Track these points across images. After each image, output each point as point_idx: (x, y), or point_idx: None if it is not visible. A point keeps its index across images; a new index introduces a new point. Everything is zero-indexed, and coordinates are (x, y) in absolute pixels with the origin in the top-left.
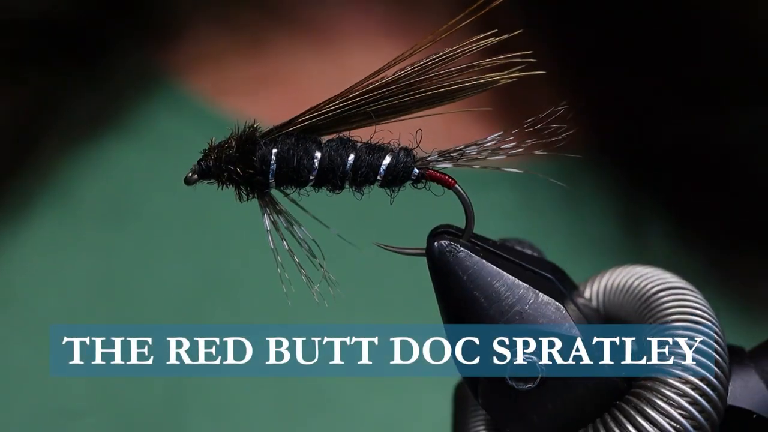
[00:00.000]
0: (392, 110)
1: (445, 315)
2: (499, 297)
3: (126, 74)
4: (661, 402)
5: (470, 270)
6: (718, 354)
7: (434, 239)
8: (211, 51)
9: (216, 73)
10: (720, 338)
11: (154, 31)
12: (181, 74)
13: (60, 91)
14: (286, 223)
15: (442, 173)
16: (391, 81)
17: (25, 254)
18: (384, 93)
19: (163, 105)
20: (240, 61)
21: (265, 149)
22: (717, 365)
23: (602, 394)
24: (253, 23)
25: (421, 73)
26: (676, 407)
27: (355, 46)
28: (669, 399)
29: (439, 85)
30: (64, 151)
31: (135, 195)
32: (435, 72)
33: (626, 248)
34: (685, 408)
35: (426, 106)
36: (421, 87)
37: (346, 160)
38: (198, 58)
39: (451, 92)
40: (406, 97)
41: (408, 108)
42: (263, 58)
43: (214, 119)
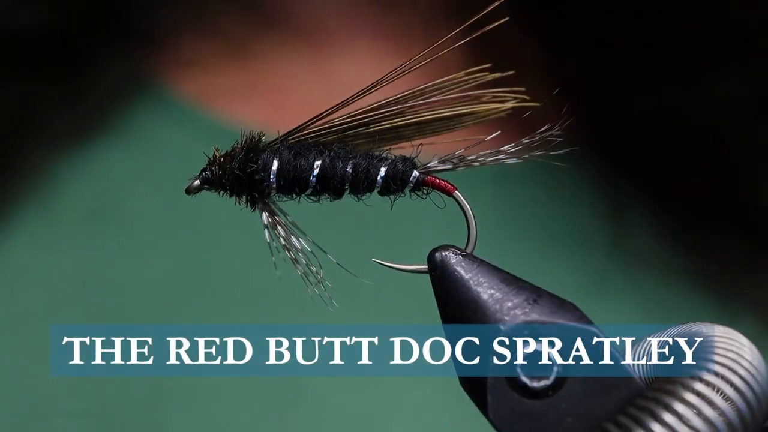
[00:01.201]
0: (393, 134)
1: (448, 318)
2: (506, 294)
3: (112, 79)
4: (686, 403)
5: (473, 270)
6: (744, 361)
7: (436, 250)
8: (197, 55)
9: (203, 77)
10: (750, 354)
11: (140, 37)
12: (167, 79)
13: (46, 97)
14: (285, 232)
15: (442, 180)
16: (390, 102)
17: (10, 257)
18: (384, 113)
19: (150, 110)
20: (227, 66)
21: (268, 155)
22: (744, 369)
23: (628, 398)
24: (240, 27)
25: (419, 97)
26: (704, 408)
27: (344, 51)
28: (698, 397)
29: (437, 111)
30: (52, 155)
31: (123, 198)
32: (433, 97)
33: (607, 237)
34: (717, 407)
35: (426, 133)
36: (420, 110)
37: (347, 164)
38: (185, 63)
39: (449, 119)
40: (405, 120)
41: (409, 135)
42: (251, 63)
43: (200, 123)
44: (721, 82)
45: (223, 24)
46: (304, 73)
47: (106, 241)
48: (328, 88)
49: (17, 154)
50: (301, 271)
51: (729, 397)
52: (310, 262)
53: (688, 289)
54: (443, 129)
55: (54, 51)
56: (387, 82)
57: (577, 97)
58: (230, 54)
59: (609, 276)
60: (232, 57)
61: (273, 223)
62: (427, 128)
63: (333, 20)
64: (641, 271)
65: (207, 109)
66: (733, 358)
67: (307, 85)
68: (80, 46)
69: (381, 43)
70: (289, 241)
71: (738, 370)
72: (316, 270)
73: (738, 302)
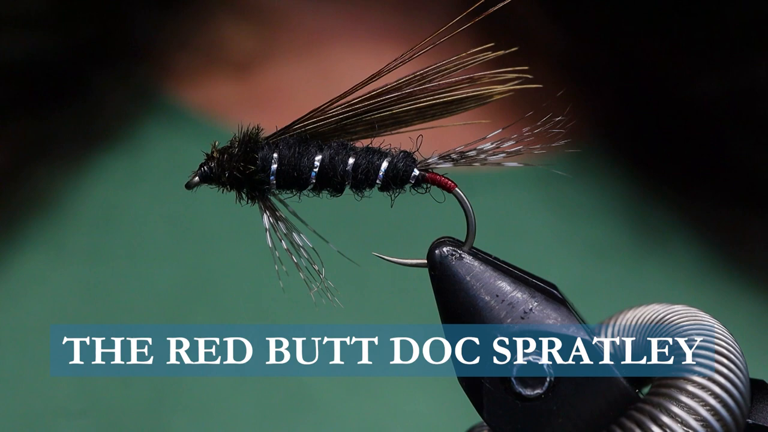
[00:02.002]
0: (393, 120)
1: (448, 319)
2: (504, 296)
3: (118, 99)
4: (682, 401)
5: (473, 271)
6: (733, 358)
7: (435, 247)
8: (201, 68)
9: (208, 89)
10: (735, 350)
11: (144, 54)
12: (172, 92)
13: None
14: (286, 228)
15: (443, 176)
16: (391, 88)
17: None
18: (384, 101)
19: (155, 123)
20: (231, 78)
21: (268, 149)
22: (730, 370)
23: (616, 400)
24: (244, 39)
25: (419, 82)
26: (697, 406)
27: (348, 59)
28: (691, 397)
29: (438, 96)
30: (59, 173)
31: (129, 212)
32: (434, 81)
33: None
34: (708, 407)
35: (426, 118)
36: (420, 96)
37: (347, 160)
38: (188, 76)
39: (449, 104)
40: (406, 106)
41: (408, 120)
42: (255, 74)
43: (206, 135)
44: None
45: (226, 38)
46: (307, 83)
47: (114, 255)
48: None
49: (26, 173)
50: (302, 273)
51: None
52: (312, 260)
53: (715, 290)
54: (444, 113)
55: (62, 77)
56: (390, 70)
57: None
58: (234, 67)
59: (626, 272)
60: (236, 69)
61: (274, 220)
62: (428, 113)
63: (335, 31)
64: (666, 275)
65: (212, 120)
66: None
67: (311, 94)
68: (87, 71)
69: (384, 54)
70: (290, 238)
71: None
72: (318, 269)
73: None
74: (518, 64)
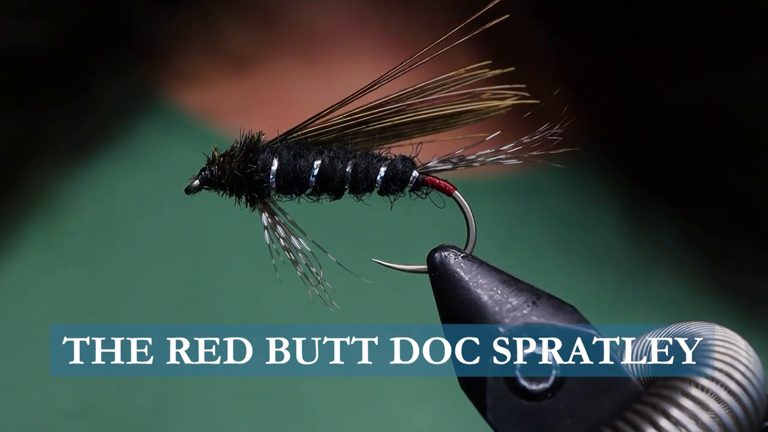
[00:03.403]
0: (393, 132)
1: (448, 319)
2: (505, 296)
3: (115, 96)
4: (682, 405)
5: (473, 272)
6: (744, 361)
7: (435, 250)
8: (200, 70)
9: (206, 92)
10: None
11: (142, 53)
12: (170, 94)
13: (48, 116)
14: (285, 232)
15: (442, 180)
16: (390, 99)
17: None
18: (383, 112)
19: (152, 125)
20: (230, 80)
21: (268, 154)
22: (740, 373)
23: (627, 401)
24: (243, 41)
25: (420, 95)
26: (700, 411)
27: (348, 63)
28: (694, 401)
29: (437, 109)
30: (55, 172)
31: (126, 214)
32: (433, 94)
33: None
34: (713, 412)
35: (425, 131)
36: (420, 108)
37: (346, 163)
38: (187, 78)
39: (448, 117)
40: (405, 117)
41: (408, 133)
42: (254, 76)
43: (203, 138)
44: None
45: (226, 38)
46: (307, 85)
47: (110, 257)
48: (332, 101)
49: (20, 172)
50: (300, 272)
51: (725, 402)
52: (310, 263)
53: (709, 295)
54: (443, 127)
55: (56, 69)
56: (389, 79)
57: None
58: (233, 67)
59: (628, 282)
60: (235, 70)
61: (273, 223)
62: (427, 126)
63: (335, 33)
64: (661, 278)
65: (210, 123)
66: (730, 362)
67: (311, 97)
68: (82, 64)
69: (385, 55)
70: (288, 242)
71: (734, 375)
72: (316, 271)
73: (760, 309)
74: (516, 79)
